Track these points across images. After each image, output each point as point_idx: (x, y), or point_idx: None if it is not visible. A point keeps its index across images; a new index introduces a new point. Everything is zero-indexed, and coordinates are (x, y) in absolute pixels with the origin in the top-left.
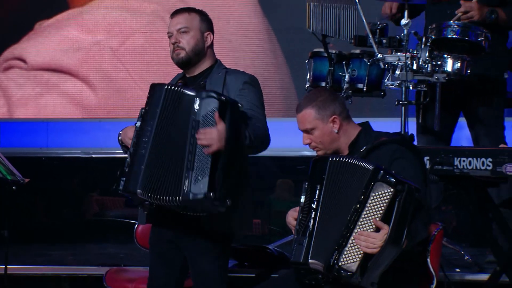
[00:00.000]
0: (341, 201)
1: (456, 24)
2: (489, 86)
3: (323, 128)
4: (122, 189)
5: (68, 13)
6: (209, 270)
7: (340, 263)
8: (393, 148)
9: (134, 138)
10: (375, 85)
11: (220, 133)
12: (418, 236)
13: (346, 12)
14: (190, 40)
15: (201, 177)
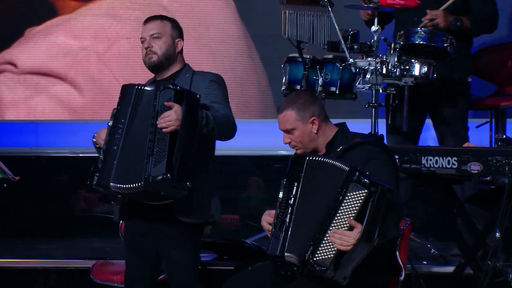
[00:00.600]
0: (317, 198)
1: (423, 31)
2: (454, 89)
3: (303, 129)
4: (96, 184)
5: (56, 20)
6: (182, 260)
7: (315, 258)
8: (367, 149)
9: (107, 137)
10: (347, 88)
11: (177, 113)
12: (389, 235)
13: (319, 19)
14: (162, 45)
15: (159, 160)
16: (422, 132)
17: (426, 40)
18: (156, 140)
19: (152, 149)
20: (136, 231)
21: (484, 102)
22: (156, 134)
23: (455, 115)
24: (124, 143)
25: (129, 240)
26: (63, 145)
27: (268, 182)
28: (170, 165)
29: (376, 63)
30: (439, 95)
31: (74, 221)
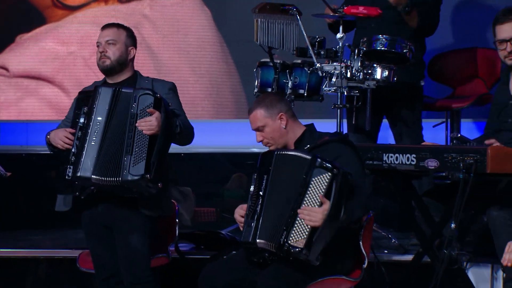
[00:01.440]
0: (286, 187)
1: (384, 38)
2: (410, 91)
3: (272, 125)
4: (72, 176)
5: (45, 27)
6: (138, 246)
7: (289, 241)
8: (335, 147)
9: (78, 133)
10: (314, 90)
11: (158, 120)
12: (355, 214)
13: (289, 27)
14: (115, 51)
15: (139, 160)
16: (384, 131)
17: (387, 46)
18: (135, 141)
19: (131, 149)
20: (97, 222)
21: (440, 103)
22: (136, 135)
23: (411, 116)
24: (103, 139)
25: (92, 231)
26: None
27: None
28: (148, 166)
29: (341, 67)
30: (397, 97)
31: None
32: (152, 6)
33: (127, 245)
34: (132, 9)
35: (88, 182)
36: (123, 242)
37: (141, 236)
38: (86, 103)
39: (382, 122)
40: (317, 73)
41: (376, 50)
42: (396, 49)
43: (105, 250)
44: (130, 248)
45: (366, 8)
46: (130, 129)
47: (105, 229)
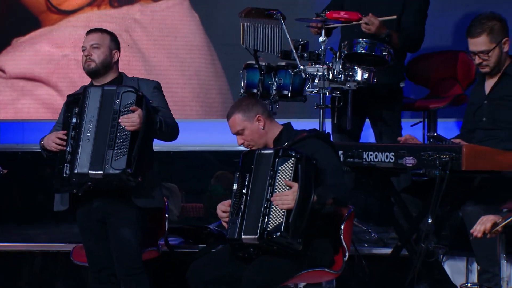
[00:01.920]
0: (261, 183)
1: (364, 41)
2: (390, 93)
3: (251, 127)
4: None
5: (40, 31)
6: (130, 237)
7: (268, 228)
8: (312, 142)
9: (72, 132)
10: (298, 91)
11: (140, 117)
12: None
13: (273, 31)
14: (100, 54)
15: (121, 155)
16: (364, 130)
17: (367, 50)
18: (117, 136)
19: (114, 143)
20: (92, 218)
21: (418, 104)
22: (118, 131)
23: (391, 116)
24: (96, 136)
25: (86, 226)
26: None
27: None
28: (130, 161)
29: (323, 69)
30: (377, 98)
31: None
32: (143, 11)
33: (118, 237)
34: (124, 13)
35: (85, 178)
36: (115, 235)
37: (132, 229)
38: (76, 104)
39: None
40: (301, 75)
41: (356, 53)
42: (376, 52)
43: (98, 244)
44: (122, 241)
45: (347, 13)
46: (113, 124)
47: (99, 223)
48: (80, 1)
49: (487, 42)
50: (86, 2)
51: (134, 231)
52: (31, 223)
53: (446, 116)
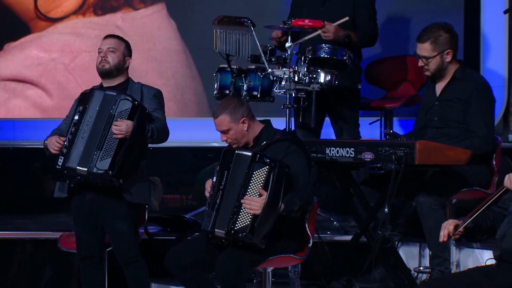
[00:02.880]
0: (237, 182)
1: (327, 47)
2: (349, 93)
3: (236, 128)
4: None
5: (30, 36)
6: (124, 230)
7: (235, 227)
8: (287, 144)
9: (72, 128)
10: (266, 92)
11: (128, 126)
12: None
13: (244, 37)
14: (115, 58)
15: (106, 157)
16: (327, 127)
17: (329, 54)
18: (107, 139)
19: (102, 145)
20: (84, 209)
21: (375, 103)
22: (109, 134)
23: (350, 115)
24: (90, 135)
25: (78, 217)
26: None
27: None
28: (113, 164)
29: (289, 72)
30: (337, 99)
31: (45, 200)
32: (124, 19)
33: (114, 230)
34: (107, 21)
35: (73, 172)
36: (111, 228)
37: (125, 223)
38: (82, 103)
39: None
40: (269, 77)
41: (320, 57)
42: (337, 56)
43: (88, 233)
44: (117, 233)
45: (311, 21)
46: (106, 127)
47: (91, 215)
48: (67, 10)
49: (430, 49)
50: (72, 10)
51: (127, 224)
52: (21, 213)
53: (400, 115)
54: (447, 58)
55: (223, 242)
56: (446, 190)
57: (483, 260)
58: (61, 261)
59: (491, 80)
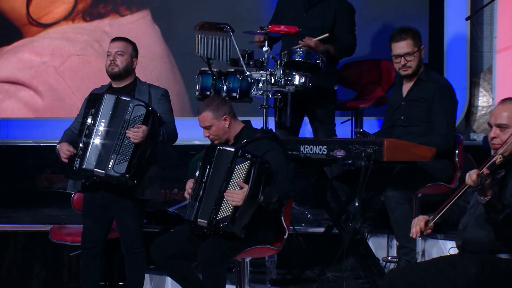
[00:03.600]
0: (220, 175)
1: (301, 51)
2: (324, 95)
3: (218, 125)
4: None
5: (22, 41)
6: (133, 226)
7: (217, 217)
8: (266, 142)
9: (86, 131)
10: (245, 94)
11: (144, 132)
12: (273, 197)
13: (224, 41)
14: (123, 61)
15: (123, 161)
16: (302, 127)
17: (304, 58)
18: (123, 144)
19: (119, 149)
20: (96, 204)
21: (347, 104)
22: (125, 138)
23: (325, 115)
24: (104, 138)
25: (88, 210)
26: (28, 137)
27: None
28: (129, 167)
29: (266, 75)
30: (314, 100)
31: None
32: (111, 24)
33: (122, 224)
34: (95, 26)
35: (91, 174)
36: (120, 221)
37: (133, 217)
38: (94, 105)
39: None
40: (247, 80)
41: (294, 60)
42: (311, 60)
43: (94, 226)
44: (124, 226)
45: (287, 27)
46: (121, 132)
47: (101, 209)
48: (57, 16)
49: (412, 45)
50: (62, 16)
51: (134, 218)
52: (14, 207)
53: (370, 115)
54: (422, 54)
55: (205, 232)
56: (412, 185)
57: (446, 250)
58: (52, 252)
59: (454, 82)
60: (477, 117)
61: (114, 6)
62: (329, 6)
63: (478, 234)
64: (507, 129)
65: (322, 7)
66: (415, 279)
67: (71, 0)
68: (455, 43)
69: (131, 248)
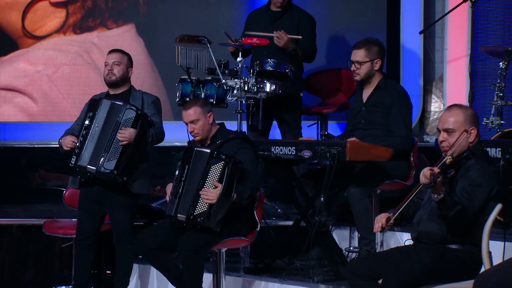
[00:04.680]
0: (197, 174)
1: (272, 61)
2: (292, 100)
3: (204, 120)
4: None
5: (18, 52)
6: (124, 220)
7: (195, 212)
8: (238, 142)
9: (83, 131)
10: (221, 100)
11: (131, 134)
12: (245, 194)
13: (202, 52)
14: (120, 70)
15: (112, 158)
16: (273, 130)
17: (274, 67)
18: (113, 143)
19: (109, 148)
20: (91, 198)
21: (313, 109)
22: (115, 139)
23: (293, 119)
24: (98, 139)
25: (83, 204)
26: (23, 139)
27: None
28: (118, 165)
29: (240, 83)
30: (282, 105)
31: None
32: (99, 37)
33: (115, 217)
34: (84, 38)
35: (84, 170)
36: (112, 215)
37: (125, 212)
38: (93, 109)
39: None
40: (223, 87)
41: (266, 70)
42: (281, 69)
43: (89, 219)
44: (116, 219)
45: (259, 40)
46: (112, 133)
47: (96, 203)
48: (50, 29)
49: (363, 56)
50: (54, 29)
51: (125, 212)
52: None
53: (334, 119)
54: (376, 66)
55: (184, 225)
56: (372, 182)
57: (402, 241)
58: (45, 243)
59: (409, 90)
60: (430, 121)
61: (102, 20)
62: (293, 17)
63: (431, 227)
64: (453, 132)
65: (286, 19)
66: (374, 268)
67: (62, 15)
68: (410, 54)
69: (122, 240)
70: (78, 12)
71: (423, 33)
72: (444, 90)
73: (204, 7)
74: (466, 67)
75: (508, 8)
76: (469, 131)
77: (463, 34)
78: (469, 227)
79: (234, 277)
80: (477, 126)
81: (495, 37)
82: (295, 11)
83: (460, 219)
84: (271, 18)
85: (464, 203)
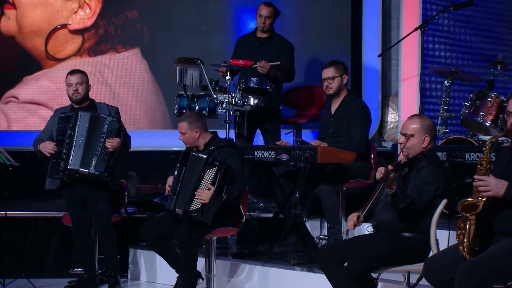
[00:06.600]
0: (193, 176)
1: (255, 79)
2: (272, 112)
3: (190, 134)
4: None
5: (42, 71)
6: (106, 212)
7: (190, 209)
8: (227, 149)
9: (67, 140)
10: (212, 112)
11: (118, 143)
12: (233, 195)
13: (196, 72)
14: (83, 89)
15: (103, 162)
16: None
17: (257, 84)
18: (102, 149)
19: (99, 154)
20: (75, 195)
21: (289, 120)
22: (103, 146)
23: (273, 128)
24: (85, 145)
25: (72, 201)
26: None
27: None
28: (107, 168)
29: (229, 97)
30: (264, 116)
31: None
32: (110, 59)
33: (96, 210)
34: (98, 60)
35: (75, 172)
36: (93, 207)
37: (105, 205)
38: (69, 121)
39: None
40: (214, 101)
41: (250, 86)
42: (263, 86)
43: (79, 212)
44: (98, 211)
45: (244, 61)
46: (100, 141)
47: (79, 199)
48: (68, 52)
49: (333, 72)
50: (72, 53)
51: (106, 206)
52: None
53: (307, 128)
54: (344, 80)
55: (181, 218)
56: (339, 181)
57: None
58: (64, 233)
59: (370, 103)
60: (387, 130)
61: (112, 45)
62: (275, 44)
63: (387, 217)
64: (410, 137)
65: (269, 45)
66: (341, 253)
67: (79, 41)
68: (370, 73)
69: (104, 229)
70: (92, 38)
71: (381, 56)
72: (399, 104)
73: (198, 34)
74: (417, 85)
75: (452, 35)
76: (423, 138)
77: (414, 57)
78: (419, 218)
79: (224, 260)
80: (432, 134)
81: (441, 60)
82: (277, 39)
83: (409, 210)
84: (257, 44)
85: (414, 197)
